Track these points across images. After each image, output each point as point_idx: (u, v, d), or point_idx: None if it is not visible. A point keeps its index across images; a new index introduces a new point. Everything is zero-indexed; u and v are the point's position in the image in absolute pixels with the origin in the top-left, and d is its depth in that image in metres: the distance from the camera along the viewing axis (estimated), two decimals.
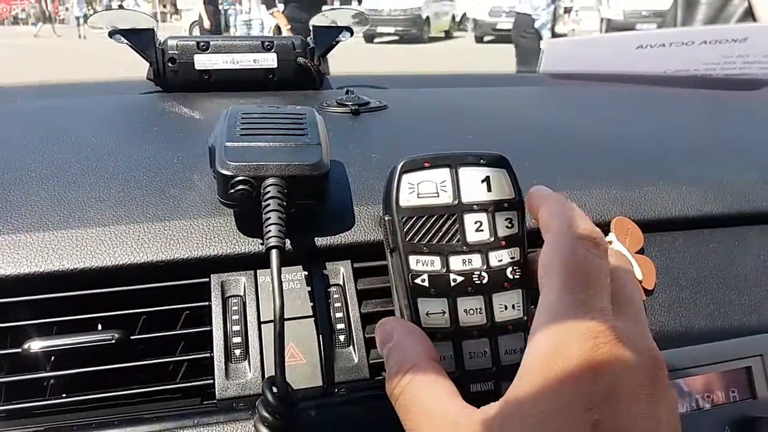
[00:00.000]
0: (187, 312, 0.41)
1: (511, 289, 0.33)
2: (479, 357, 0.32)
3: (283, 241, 0.37)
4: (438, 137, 0.64)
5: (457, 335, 0.32)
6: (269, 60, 0.76)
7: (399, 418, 0.30)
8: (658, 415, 0.26)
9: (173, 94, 0.75)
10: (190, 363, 0.41)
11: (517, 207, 0.34)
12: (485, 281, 0.33)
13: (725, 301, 0.49)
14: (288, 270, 0.43)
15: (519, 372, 0.27)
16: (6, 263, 0.39)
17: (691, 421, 0.43)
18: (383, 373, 0.41)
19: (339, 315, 0.42)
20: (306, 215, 0.44)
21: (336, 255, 0.44)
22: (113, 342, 0.39)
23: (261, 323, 0.41)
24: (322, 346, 0.41)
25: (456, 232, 0.33)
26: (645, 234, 0.49)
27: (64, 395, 0.38)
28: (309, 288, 0.42)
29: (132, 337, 0.40)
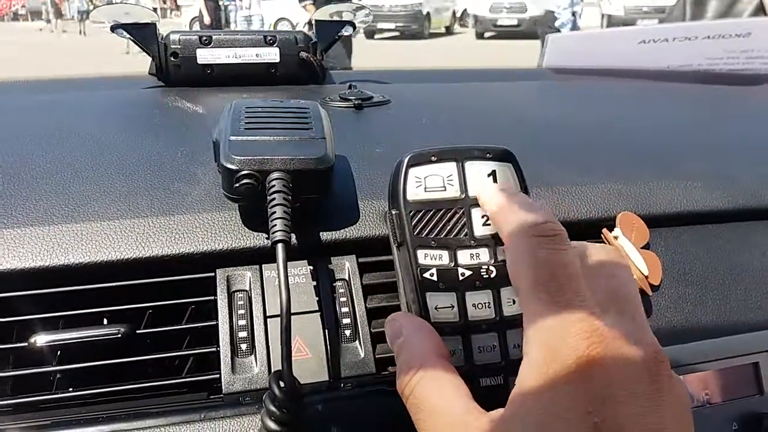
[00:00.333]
0: (193, 306, 0.41)
1: None
2: (488, 351, 0.32)
3: (289, 235, 0.37)
4: (441, 132, 0.63)
5: (466, 329, 0.32)
6: (272, 54, 0.76)
7: (410, 416, 0.29)
8: (661, 411, 0.25)
9: (176, 88, 0.74)
10: (196, 357, 0.40)
11: None
12: (493, 275, 0.32)
13: (732, 297, 0.49)
14: (293, 265, 0.42)
15: (518, 377, 0.27)
16: (11, 257, 0.39)
17: (699, 418, 0.42)
18: (390, 368, 0.41)
19: (345, 310, 0.42)
20: (311, 210, 0.43)
21: (341, 249, 0.44)
22: (119, 336, 0.39)
23: (267, 317, 0.40)
24: (328, 340, 0.40)
25: (464, 226, 0.33)
26: (651, 229, 0.48)
27: (70, 389, 0.38)
28: (314, 282, 0.42)
29: (138, 332, 0.40)
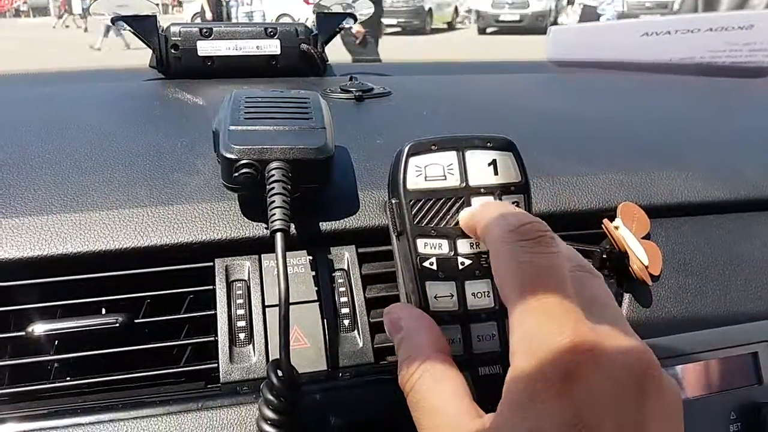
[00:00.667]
0: (191, 296, 0.41)
1: None
2: (487, 340, 0.32)
3: (288, 224, 0.37)
4: (442, 123, 0.63)
5: (466, 318, 0.32)
6: (272, 46, 0.76)
7: (408, 407, 0.29)
8: (648, 418, 0.25)
9: (176, 80, 0.74)
10: (194, 347, 0.40)
11: (524, 190, 0.34)
12: None
13: (732, 287, 0.49)
14: (292, 255, 0.42)
15: (504, 386, 0.26)
16: (9, 246, 0.39)
17: (697, 407, 0.43)
18: (389, 358, 0.41)
19: (344, 299, 0.42)
20: (310, 200, 0.43)
21: (340, 240, 0.44)
22: (117, 325, 0.39)
23: (265, 307, 0.40)
24: (326, 330, 0.40)
25: None
26: (651, 219, 0.48)
27: (68, 378, 0.38)
28: (313, 272, 0.42)
29: (136, 321, 0.40)
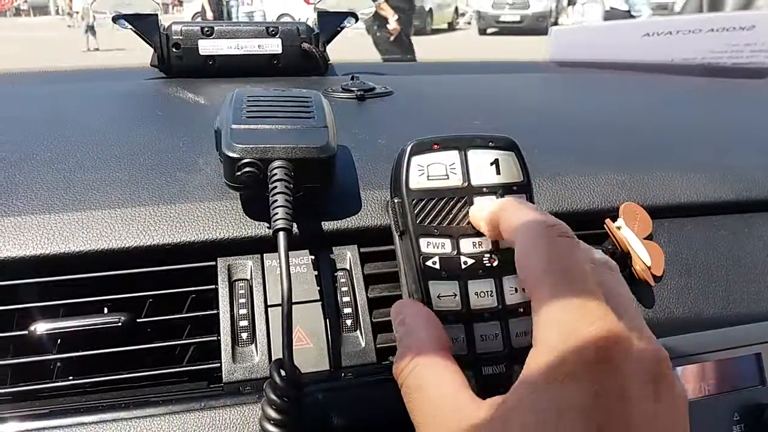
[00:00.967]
0: (194, 295, 0.41)
1: None
2: (491, 340, 0.32)
3: (291, 224, 0.37)
4: (444, 122, 0.63)
5: (469, 318, 0.32)
6: (274, 45, 0.76)
7: (404, 401, 0.29)
8: (662, 411, 0.25)
9: (177, 79, 0.74)
10: (196, 346, 0.40)
11: (526, 190, 0.34)
12: (496, 264, 0.32)
13: (734, 288, 0.49)
14: (294, 254, 0.42)
15: (524, 369, 0.26)
16: (12, 245, 0.39)
17: (700, 408, 0.43)
18: (391, 358, 0.41)
19: (346, 299, 0.42)
20: (312, 200, 0.43)
21: (343, 239, 0.44)
22: (119, 325, 0.39)
23: (268, 307, 0.40)
24: (329, 330, 0.40)
25: (466, 214, 0.33)
26: (654, 219, 0.48)
27: (70, 378, 0.38)
28: (316, 272, 0.42)
29: (138, 320, 0.39)
